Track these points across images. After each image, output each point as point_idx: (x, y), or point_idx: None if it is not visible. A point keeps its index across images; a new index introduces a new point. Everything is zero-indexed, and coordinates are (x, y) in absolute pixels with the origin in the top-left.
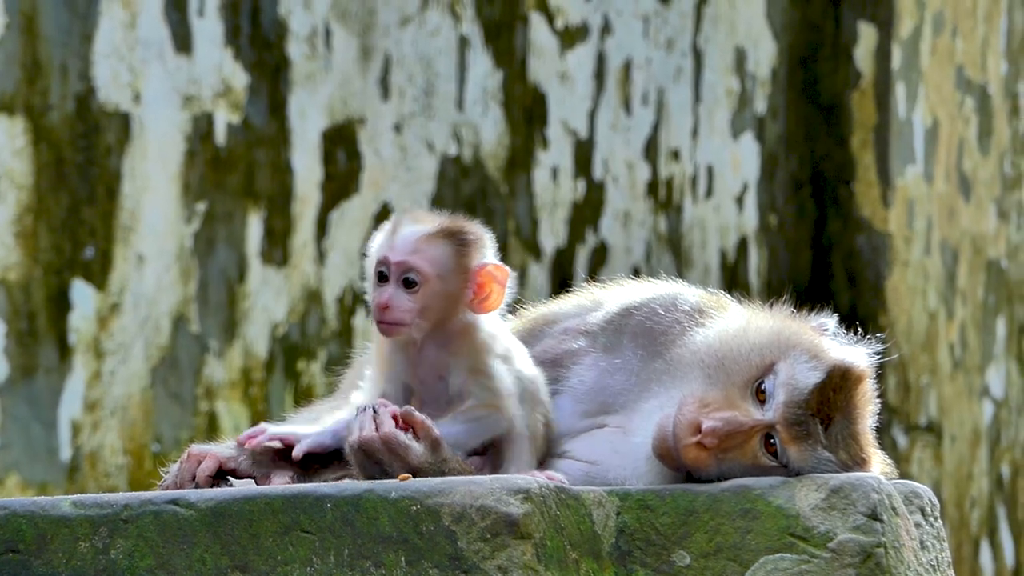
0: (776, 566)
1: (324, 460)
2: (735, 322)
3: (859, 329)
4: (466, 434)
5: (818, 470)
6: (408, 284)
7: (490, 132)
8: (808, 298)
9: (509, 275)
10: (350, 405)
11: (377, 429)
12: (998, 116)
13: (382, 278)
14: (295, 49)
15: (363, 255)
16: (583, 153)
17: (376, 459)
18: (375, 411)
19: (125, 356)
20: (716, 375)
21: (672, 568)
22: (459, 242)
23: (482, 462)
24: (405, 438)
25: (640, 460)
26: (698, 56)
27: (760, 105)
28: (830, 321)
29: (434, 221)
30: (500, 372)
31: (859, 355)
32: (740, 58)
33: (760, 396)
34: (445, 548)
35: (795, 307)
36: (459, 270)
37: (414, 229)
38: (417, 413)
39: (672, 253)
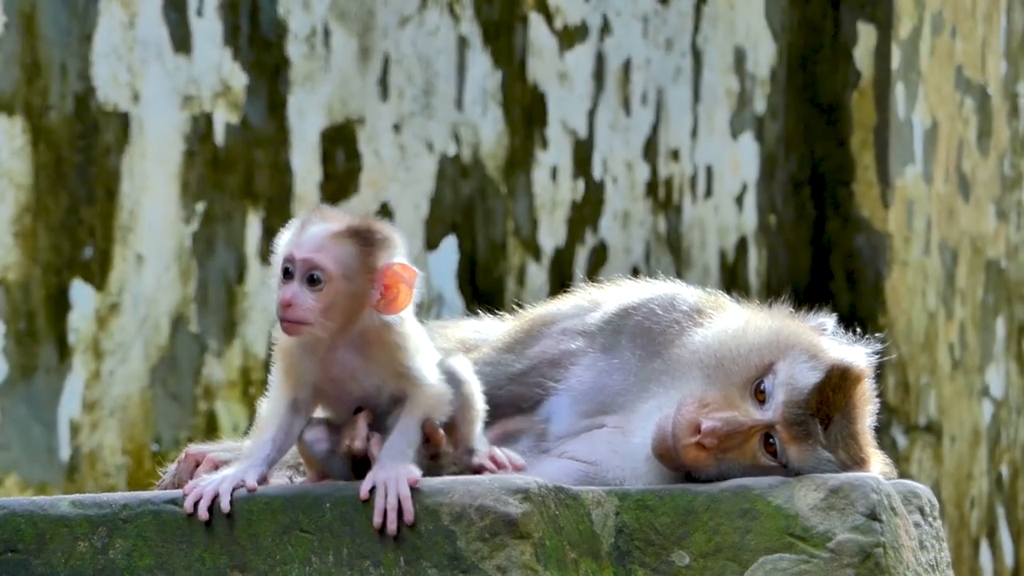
0: (775, 566)
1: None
2: (734, 322)
3: (858, 329)
4: (418, 431)
5: (817, 470)
6: (312, 282)
7: (489, 132)
8: (807, 298)
9: (417, 275)
10: (264, 423)
11: (370, 441)
12: (997, 116)
13: (287, 275)
14: (294, 49)
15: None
16: (582, 153)
17: (370, 465)
18: (368, 420)
19: (124, 356)
20: (715, 375)
21: (671, 568)
22: (365, 241)
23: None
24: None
25: (639, 460)
26: (697, 56)
27: (759, 105)
28: (829, 321)
29: (342, 220)
30: (420, 369)
31: (858, 355)
32: (739, 58)
33: (759, 396)
34: (444, 548)
35: (794, 307)
36: (364, 269)
37: (321, 227)
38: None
39: (671, 253)
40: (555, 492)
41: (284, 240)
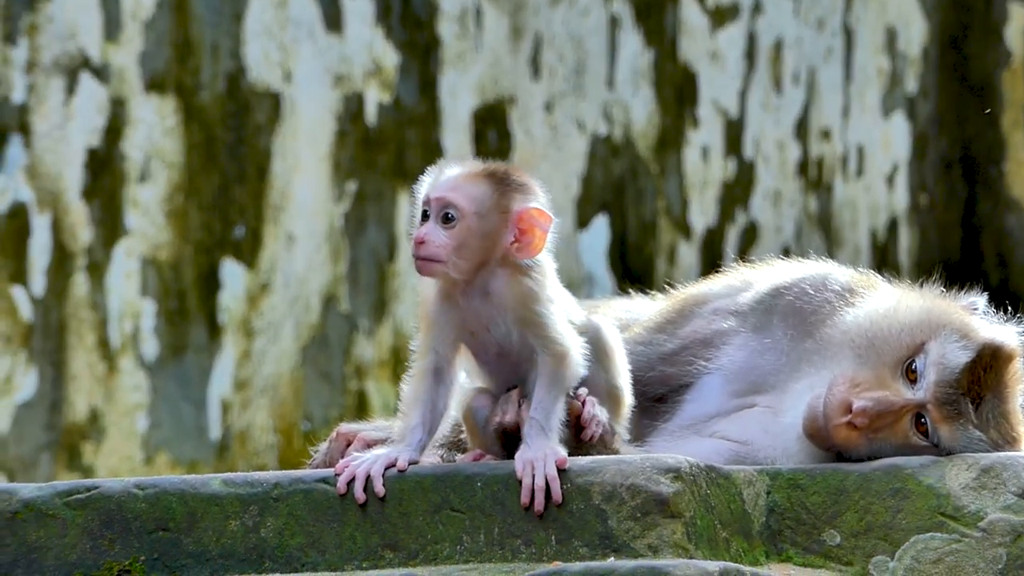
0: (927, 545)
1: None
2: (885, 302)
3: (1009, 308)
4: (557, 401)
5: (969, 449)
6: (447, 220)
7: (640, 111)
8: (958, 277)
9: (552, 221)
10: (410, 403)
11: (520, 416)
12: None
13: (424, 217)
14: (446, 28)
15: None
16: (733, 132)
17: (514, 441)
18: (521, 396)
19: (275, 335)
20: (866, 355)
21: (822, 547)
22: (501, 183)
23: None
24: None
25: (790, 440)
26: (849, 35)
27: (911, 84)
28: (980, 300)
29: (481, 164)
30: (551, 318)
31: (1009, 334)
32: (891, 38)
33: (911, 376)
34: (595, 527)
35: (945, 286)
36: (498, 210)
37: (458, 169)
38: (576, 403)
39: (822, 233)
40: (706, 471)
41: (424, 184)
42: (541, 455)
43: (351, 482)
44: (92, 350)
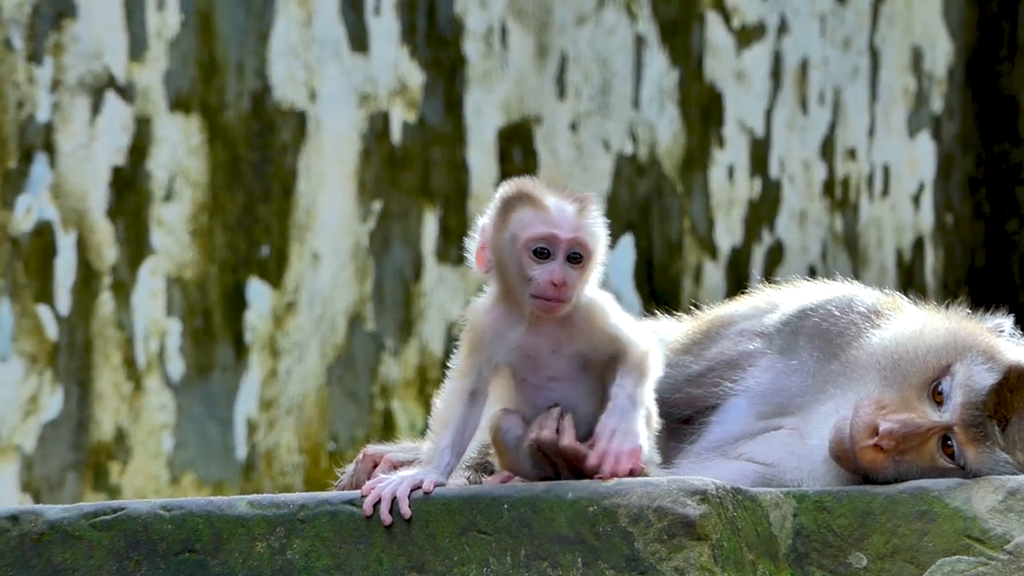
0: (953, 568)
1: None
2: (911, 323)
3: None
4: (644, 382)
5: (995, 472)
6: (573, 259)
7: (666, 131)
8: (984, 298)
9: None
10: (441, 423)
11: (559, 434)
12: None
13: (541, 255)
14: (471, 47)
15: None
16: (759, 152)
17: (551, 461)
18: (561, 415)
19: (301, 354)
20: (892, 377)
21: (849, 570)
22: (604, 217)
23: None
24: (585, 450)
25: (817, 462)
26: (875, 55)
27: (936, 104)
28: (1006, 322)
29: (578, 195)
30: (629, 326)
31: None
32: (916, 57)
33: (937, 398)
34: (622, 549)
35: (971, 307)
36: (605, 244)
37: (571, 205)
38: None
39: (848, 252)
40: (733, 493)
41: (520, 218)
42: (625, 427)
43: (377, 504)
44: (118, 369)
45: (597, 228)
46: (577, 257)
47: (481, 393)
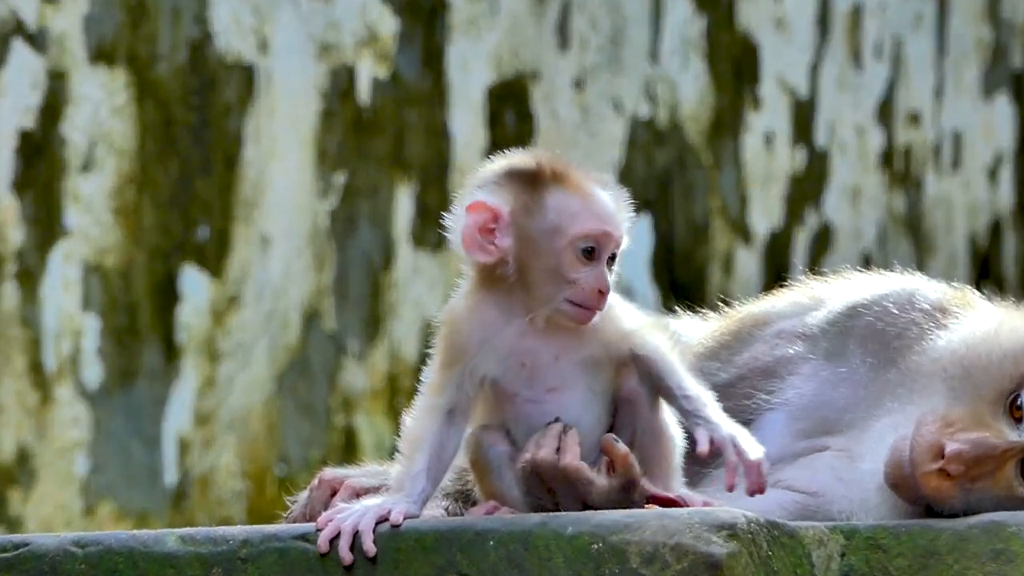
0: None
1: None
2: (985, 323)
3: None
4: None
5: None
6: (611, 260)
7: (690, 90)
8: None
9: None
10: (412, 444)
11: (560, 454)
12: None
13: (589, 255)
14: None
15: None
16: (803, 116)
17: (548, 487)
18: (563, 431)
19: (245, 359)
20: (962, 388)
21: None
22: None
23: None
24: (591, 474)
25: (870, 490)
26: (942, 0)
27: (1017, 59)
28: None
29: (599, 177)
30: (634, 314)
31: None
32: (993, 2)
33: (1016, 413)
34: None
35: None
36: None
37: (608, 193)
38: (621, 445)
39: (911, 238)
40: (768, 528)
41: (567, 209)
42: (733, 433)
43: (336, 539)
44: (21, 376)
45: (630, 223)
46: (612, 258)
47: (461, 411)
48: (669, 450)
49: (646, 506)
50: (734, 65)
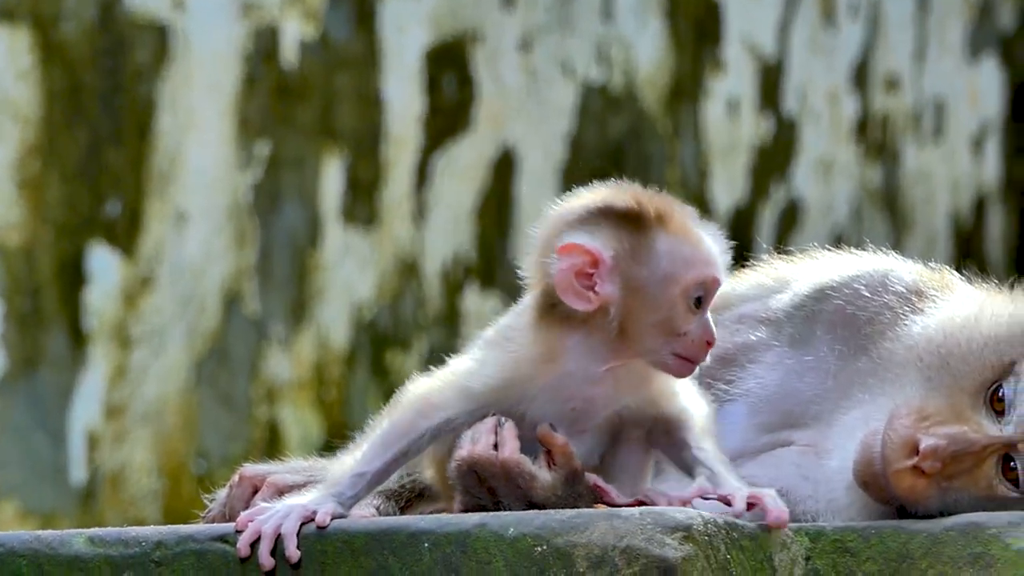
0: None
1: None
2: (965, 308)
3: None
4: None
5: None
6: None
7: (647, 52)
8: None
9: None
10: (379, 443)
11: (497, 449)
12: None
13: (698, 304)
14: None
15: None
16: (770, 80)
17: (488, 485)
18: (499, 424)
19: (160, 345)
20: (938, 378)
21: None
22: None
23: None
24: (532, 467)
25: (838, 489)
26: None
27: (1005, 18)
28: None
29: (703, 220)
30: (685, 387)
31: None
32: None
33: (997, 405)
34: None
35: None
36: None
37: (711, 235)
38: (558, 435)
39: (887, 214)
40: (726, 530)
41: (680, 254)
42: (768, 491)
43: (257, 542)
44: None
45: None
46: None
47: (454, 430)
48: (643, 463)
49: (596, 506)
50: (695, 25)
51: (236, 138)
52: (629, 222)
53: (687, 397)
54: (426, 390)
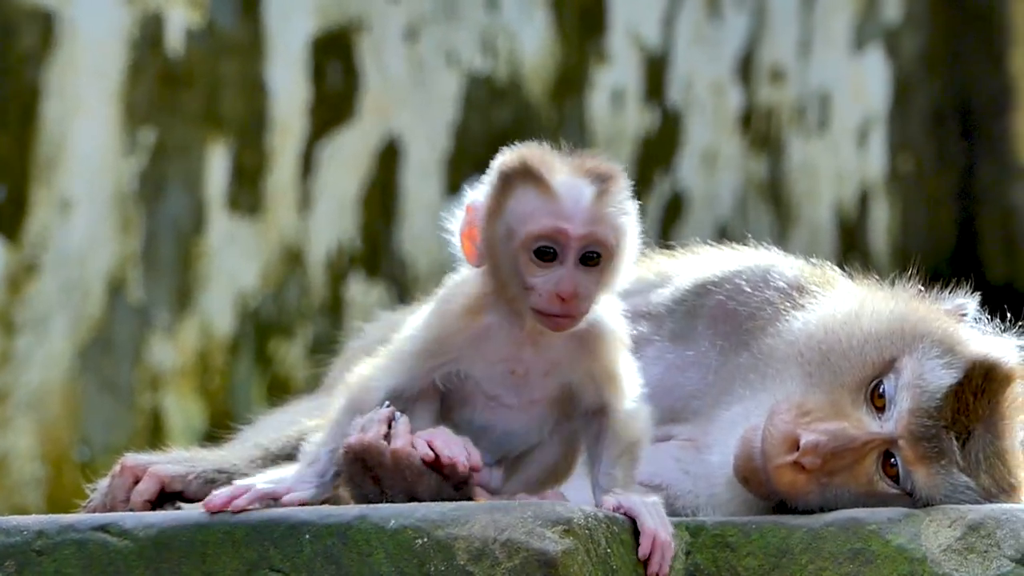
0: None
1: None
2: (846, 304)
3: (1013, 313)
4: (633, 467)
5: (953, 499)
6: (589, 260)
7: (532, 42)
8: (950, 269)
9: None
10: (337, 422)
11: (388, 440)
12: None
13: (546, 256)
14: None
15: (454, 208)
16: (655, 72)
17: (373, 474)
18: (393, 417)
19: (43, 332)
20: (819, 374)
21: None
22: (634, 199)
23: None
24: (421, 464)
25: (718, 484)
26: None
27: (892, 11)
28: (970, 303)
29: (596, 167)
30: (631, 377)
31: (1007, 349)
32: None
33: (877, 402)
34: None
35: (927, 283)
36: (636, 237)
37: (589, 185)
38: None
39: (771, 206)
40: (607, 524)
41: (521, 205)
42: (657, 518)
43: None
44: None
45: (622, 217)
46: (593, 256)
47: (408, 401)
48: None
49: (477, 498)
50: (580, 15)
51: (121, 125)
52: (503, 179)
53: (624, 394)
54: (372, 363)
